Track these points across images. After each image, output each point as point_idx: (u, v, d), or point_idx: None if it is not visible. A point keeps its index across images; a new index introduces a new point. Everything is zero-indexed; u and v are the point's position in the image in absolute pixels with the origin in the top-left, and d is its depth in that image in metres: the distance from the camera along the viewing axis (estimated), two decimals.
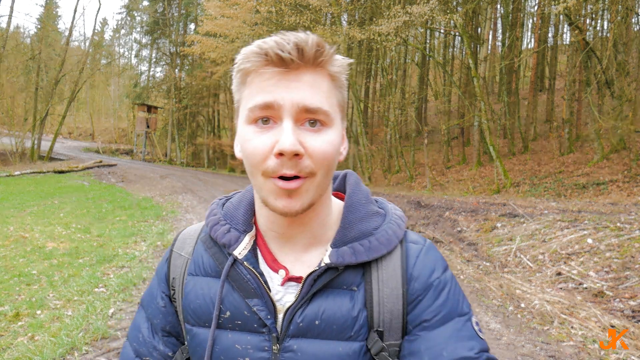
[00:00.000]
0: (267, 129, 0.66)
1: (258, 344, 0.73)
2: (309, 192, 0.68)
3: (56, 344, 3.31)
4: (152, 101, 37.97)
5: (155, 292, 0.86)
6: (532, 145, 18.51)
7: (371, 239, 0.74)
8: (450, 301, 0.72)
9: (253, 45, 0.67)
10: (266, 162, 0.66)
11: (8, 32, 26.91)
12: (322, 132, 0.67)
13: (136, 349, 0.85)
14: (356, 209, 0.77)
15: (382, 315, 0.72)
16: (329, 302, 0.72)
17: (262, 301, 0.73)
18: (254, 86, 0.67)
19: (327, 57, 0.67)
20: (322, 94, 0.67)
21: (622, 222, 5.99)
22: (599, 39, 17.73)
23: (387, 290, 0.72)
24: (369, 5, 17.97)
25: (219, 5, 19.85)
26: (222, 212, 0.82)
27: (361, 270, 0.73)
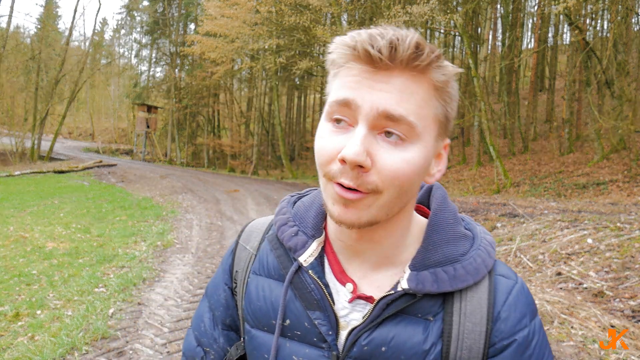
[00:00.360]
0: (342, 130, 0.60)
1: (315, 358, 0.68)
2: (370, 209, 0.60)
3: (56, 344, 3.31)
4: (152, 101, 37.98)
5: (219, 283, 0.83)
6: (532, 145, 18.52)
7: (457, 266, 0.65)
8: (535, 355, 0.65)
9: (347, 36, 0.59)
10: (330, 165, 0.60)
11: (8, 32, 26.91)
12: (402, 147, 0.58)
13: (198, 338, 0.84)
14: (442, 229, 0.68)
15: (459, 352, 0.64)
16: (399, 329, 0.65)
17: (324, 315, 0.68)
18: (340, 80, 0.61)
19: (427, 62, 0.57)
20: (412, 102, 0.57)
21: (622, 222, 5.99)
22: (599, 39, 17.74)
23: (469, 325, 0.64)
24: (369, 5, 17.98)
25: (219, 5, 19.85)
26: (292, 211, 0.76)
27: (441, 298, 0.66)
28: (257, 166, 25.92)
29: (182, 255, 6.22)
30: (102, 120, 58.37)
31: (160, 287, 4.82)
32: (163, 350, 3.33)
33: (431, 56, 0.57)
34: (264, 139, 30.19)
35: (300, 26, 17.52)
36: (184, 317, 3.97)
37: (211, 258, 6.14)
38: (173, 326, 3.78)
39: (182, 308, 4.21)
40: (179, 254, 6.28)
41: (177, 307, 4.24)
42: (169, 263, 5.80)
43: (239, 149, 30.03)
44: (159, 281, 5.02)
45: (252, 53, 23.31)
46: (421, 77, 0.58)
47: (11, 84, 27.99)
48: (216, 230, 8.11)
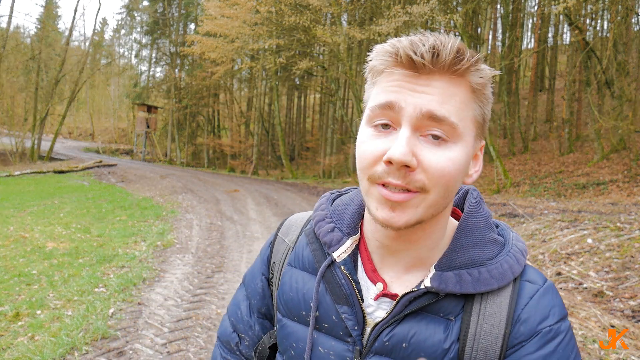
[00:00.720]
0: (385, 133, 0.61)
1: (341, 352, 0.71)
2: (417, 209, 0.61)
3: (56, 344, 3.31)
4: (152, 101, 37.98)
5: (257, 273, 0.87)
6: (532, 145, 18.52)
7: (482, 269, 0.66)
8: (557, 356, 0.62)
9: (387, 43, 0.62)
10: (374, 167, 0.61)
11: (8, 32, 26.92)
12: (445, 146, 0.60)
13: (234, 324, 0.88)
14: (471, 233, 0.69)
15: (475, 352, 0.64)
16: (421, 327, 0.66)
17: (351, 310, 0.70)
18: (380, 86, 0.63)
19: (467, 66, 0.60)
20: (453, 104, 0.60)
21: (622, 222, 5.99)
22: (599, 39, 17.74)
23: (487, 327, 0.64)
24: (369, 5, 17.98)
25: (219, 5, 19.85)
26: (331, 208, 0.79)
27: (463, 300, 0.66)
28: (257, 166, 25.92)
29: (182, 255, 6.22)
30: (102, 120, 58.36)
31: (160, 287, 4.82)
32: (163, 350, 3.33)
33: (471, 60, 0.60)
34: (264, 139, 30.19)
35: (300, 26, 17.51)
36: (184, 317, 3.97)
37: (211, 258, 6.14)
38: (173, 326, 3.78)
39: (182, 308, 4.21)
40: (179, 254, 6.28)
41: (177, 307, 4.24)
42: (169, 263, 5.80)
43: (239, 149, 30.03)
44: (159, 281, 5.02)
45: (252, 53, 23.31)
46: (460, 80, 0.61)
47: (11, 84, 27.99)
48: (216, 230, 8.11)
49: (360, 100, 15.72)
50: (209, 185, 15.69)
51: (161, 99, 37.38)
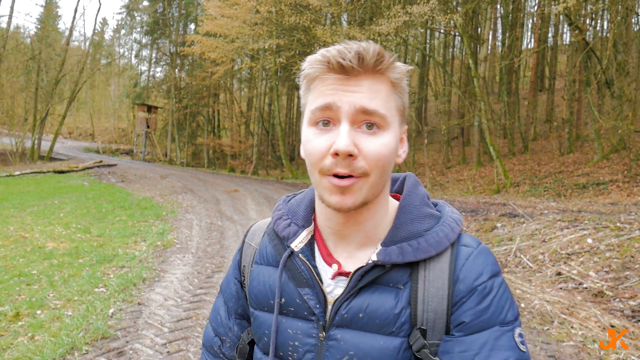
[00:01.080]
0: (326, 130, 0.71)
1: (307, 330, 0.79)
2: (362, 190, 0.71)
3: (56, 344, 3.31)
4: (152, 101, 37.96)
5: (230, 278, 0.96)
6: (532, 145, 18.52)
7: (420, 240, 0.76)
8: (493, 307, 0.72)
9: (317, 54, 0.72)
10: (323, 161, 0.71)
11: (8, 32, 26.91)
12: (378, 134, 0.71)
13: (215, 329, 0.97)
14: (409, 211, 0.79)
15: (425, 314, 0.73)
16: (374, 297, 0.75)
17: (313, 291, 0.79)
18: (316, 91, 0.72)
19: (387, 65, 0.71)
20: (380, 98, 0.70)
21: (622, 222, 5.99)
22: (599, 39, 17.74)
23: (432, 290, 0.74)
24: (369, 5, 17.98)
25: (219, 5, 19.84)
26: (286, 207, 0.89)
27: (409, 269, 0.76)
28: (257, 166, 25.91)
29: (182, 255, 6.22)
30: (102, 120, 58.35)
31: (160, 287, 4.82)
32: (163, 350, 3.33)
33: (389, 60, 0.71)
34: (264, 139, 30.18)
35: (300, 26, 17.51)
36: (184, 317, 3.97)
37: (211, 258, 6.14)
38: (173, 326, 3.78)
39: (182, 308, 4.21)
40: (179, 254, 6.28)
41: (177, 307, 4.24)
42: (169, 263, 5.80)
43: (239, 149, 30.02)
44: (159, 281, 5.02)
45: (252, 53, 23.30)
46: (382, 77, 0.71)
47: (11, 84, 27.99)
48: (216, 230, 8.11)
49: None
50: (209, 185, 15.69)
51: (161, 99, 37.36)
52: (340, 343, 0.76)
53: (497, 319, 0.72)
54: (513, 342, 0.71)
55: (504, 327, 0.72)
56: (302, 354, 0.79)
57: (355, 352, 0.75)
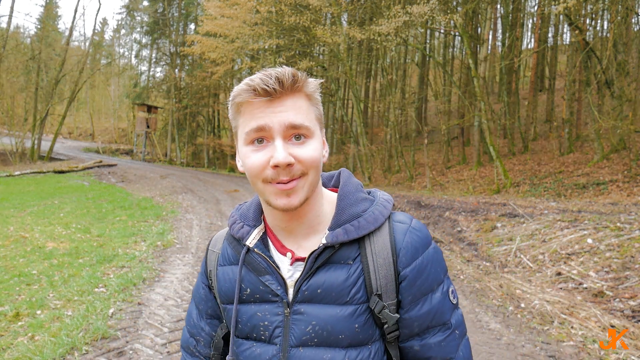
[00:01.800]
0: (262, 147, 0.84)
1: (273, 310, 0.91)
2: (303, 188, 0.85)
3: (56, 344, 3.31)
4: (152, 101, 37.94)
5: (199, 284, 1.07)
6: (532, 145, 18.51)
7: (360, 219, 0.90)
8: (431, 275, 0.90)
9: (242, 83, 0.84)
10: (264, 172, 0.83)
11: (8, 32, 26.90)
12: (306, 143, 0.84)
13: (189, 331, 1.08)
14: (347, 197, 0.93)
15: (378, 281, 0.88)
16: (328, 274, 0.88)
17: (272, 277, 0.91)
18: (247, 114, 0.85)
19: (302, 83, 0.84)
20: (302, 112, 0.84)
21: (622, 222, 5.99)
22: (599, 39, 17.73)
23: (380, 261, 0.88)
24: (369, 5, 17.97)
25: (219, 5, 19.83)
26: (238, 213, 1.02)
27: (356, 246, 0.89)
28: None
29: (182, 255, 6.22)
30: (102, 120, 58.33)
31: (160, 287, 4.82)
32: (163, 350, 3.33)
33: (302, 78, 0.84)
34: None
35: (300, 26, 17.51)
36: (184, 317, 3.97)
37: None
38: (173, 326, 3.78)
39: (182, 308, 4.20)
40: (179, 254, 6.28)
41: (177, 307, 4.24)
42: (169, 263, 5.80)
43: None
44: (159, 281, 5.02)
45: (252, 53, 23.30)
46: (300, 94, 0.85)
47: (11, 84, 27.99)
48: (216, 230, 8.11)
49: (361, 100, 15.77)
50: (209, 185, 15.69)
51: (161, 99, 37.34)
52: (304, 315, 0.89)
53: (435, 281, 0.90)
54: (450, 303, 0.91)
55: (440, 287, 0.91)
56: (272, 330, 0.91)
57: (317, 322, 0.88)
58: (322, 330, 0.88)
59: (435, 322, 0.90)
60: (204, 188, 14.77)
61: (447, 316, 0.91)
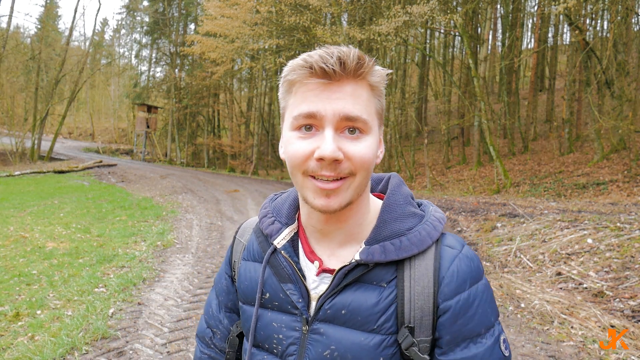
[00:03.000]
0: (309, 135, 0.73)
1: (290, 323, 0.82)
2: (347, 191, 0.74)
3: (56, 344, 3.31)
4: (152, 101, 37.94)
5: (222, 273, 1.00)
6: (532, 145, 18.51)
7: (403, 238, 0.77)
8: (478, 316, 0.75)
9: (299, 58, 0.73)
10: (307, 163, 0.73)
11: (8, 32, 26.89)
12: (361, 138, 0.73)
13: (207, 321, 1.01)
14: (392, 210, 0.81)
15: (413, 312, 0.75)
16: (357, 295, 0.77)
17: (295, 286, 0.82)
18: (298, 95, 0.74)
19: (367, 69, 0.72)
20: (362, 103, 0.72)
21: (622, 222, 5.99)
22: (599, 39, 17.74)
23: (418, 289, 0.76)
24: (369, 5, 17.97)
25: (219, 5, 19.84)
26: (271, 206, 0.91)
27: (393, 267, 0.77)
28: (257, 166, 25.91)
29: (182, 255, 6.22)
30: (102, 120, 58.33)
31: (160, 287, 4.82)
32: (163, 350, 3.33)
33: (370, 63, 0.72)
34: (264, 139, 30.18)
35: (300, 26, 17.50)
36: (184, 317, 3.97)
37: (211, 258, 6.14)
38: (173, 326, 3.78)
39: (182, 308, 4.21)
40: (179, 254, 6.28)
41: (177, 307, 4.24)
42: (169, 263, 5.80)
43: (239, 149, 30.01)
44: (159, 281, 5.02)
45: (252, 53, 23.30)
46: (363, 81, 0.73)
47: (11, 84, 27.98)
48: (216, 230, 8.11)
49: None
50: (209, 185, 15.69)
51: (161, 99, 37.34)
52: (323, 337, 0.79)
53: (482, 324, 0.76)
54: (500, 354, 0.75)
55: (489, 332, 0.76)
56: (285, 346, 0.82)
57: (337, 347, 0.77)
58: (341, 357, 0.77)
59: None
60: (204, 188, 14.77)
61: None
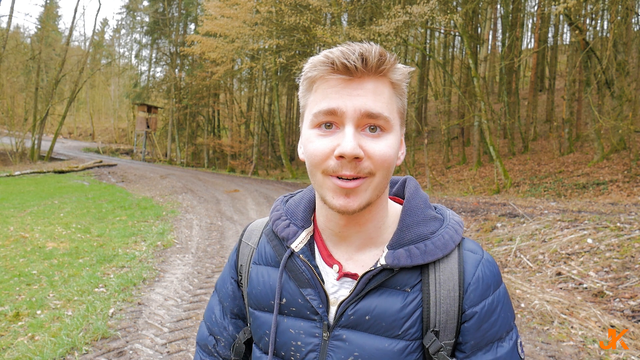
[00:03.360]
0: (329, 133, 0.71)
1: (309, 329, 0.79)
2: (367, 191, 0.72)
3: (56, 344, 3.31)
4: (152, 101, 37.95)
5: (226, 278, 0.96)
6: (532, 145, 18.51)
7: (427, 242, 0.76)
8: (500, 321, 0.77)
9: (320, 55, 0.72)
10: (327, 162, 0.71)
11: (8, 32, 26.90)
12: (382, 137, 0.71)
13: (209, 328, 0.97)
14: (414, 213, 0.80)
15: (438, 316, 0.75)
16: (381, 300, 0.76)
17: (315, 291, 0.79)
18: (319, 93, 0.72)
19: (389, 66, 0.71)
20: (383, 100, 0.71)
21: (622, 222, 5.99)
22: (599, 39, 17.74)
23: (444, 292, 0.75)
24: (369, 5, 17.97)
25: (219, 5, 19.84)
26: (285, 208, 0.88)
27: (417, 271, 0.77)
28: (257, 166, 25.91)
29: (182, 255, 6.22)
30: (102, 120, 58.33)
31: (160, 287, 4.82)
32: (163, 350, 3.33)
33: (392, 60, 0.71)
34: (264, 139, 30.18)
35: (300, 26, 17.50)
36: (184, 317, 3.97)
37: (211, 258, 6.14)
38: (173, 326, 3.78)
39: (182, 308, 4.21)
40: (179, 254, 6.28)
41: (177, 307, 4.24)
42: (169, 263, 5.80)
43: (239, 149, 30.01)
44: (159, 281, 5.02)
45: (252, 53, 23.29)
46: (384, 79, 0.72)
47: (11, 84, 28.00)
48: (216, 230, 8.11)
49: None
50: (209, 185, 15.69)
51: (161, 99, 37.35)
52: (346, 344, 0.77)
53: (504, 329, 0.77)
54: (518, 357, 0.77)
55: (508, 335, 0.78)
56: (304, 354, 0.79)
57: (360, 353, 0.75)
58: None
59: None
60: (204, 188, 14.77)
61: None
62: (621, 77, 13.03)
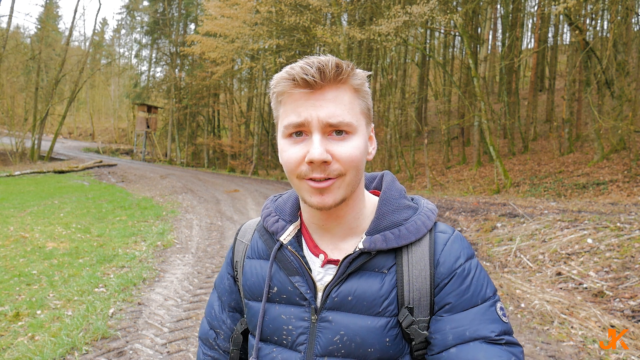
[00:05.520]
0: (300, 140, 0.79)
1: (299, 314, 0.86)
2: (340, 189, 0.79)
3: (56, 344, 3.31)
4: (152, 101, 37.94)
5: (224, 274, 1.04)
6: (532, 145, 18.51)
7: (401, 228, 0.84)
8: (473, 287, 0.82)
9: (283, 71, 0.79)
10: (299, 168, 0.79)
11: (8, 32, 26.90)
12: (347, 139, 0.78)
13: (210, 323, 1.04)
14: (389, 203, 0.88)
15: (411, 294, 0.82)
16: (361, 282, 0.83)
17: (303, 279, 0.87)
18: (287, 106, 0.80)
19: (347, 74, 0.78)
20: (344, 106, 0.78)
21: (622, 222, 5.99)
22: (599, 39, 17.74)
23: (415, 272, 0.83)
24: (369, 5, 17.97)
25: (219, 5, 19.84)
26: (274, 206, 0.97)
27: (393, 255, 0.84)
28: (257, 166, 25.91)
29: (182, 255, 6.22)
30: (102, 120, 58.33)
31: (160, 287, 4.82)
32: (163, 350, 3.33)
33: (348, 69, 0.78)
34: (264, 139, 30.18)
35: (300, 26, 17.50)
36: (184, 317, 3.97)
37: (211, 258, 6.14)
38: (173, 326, 3.78)
39: (182, 308, 4.21)
40: (179, 254, 6.28)
41: (177, 307, 4.24)
42: (169, 263, 5.80)
43: (239, 149, 30.01)
44: (159, 281, 5.02)
45: (252, 53, 23.30)
46: (344, 86, 0.79)
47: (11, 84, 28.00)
48: (216, 230, 8.11)
49: None
50: (209, 185, 15.69)
51: (161, 99, 37.34)
52: (332, 324, 0.84)
53: (479, 296, 0.82)
54: (496, 316, 0.80)
55: (486, 302, 0.81)
56: (295, 336, 0.86)
57: (346, 332, 0.83)
58: (350, 341, 0.82)
59: (476, 334, 0.78)
60: (204, 188, 14.77)
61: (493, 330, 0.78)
62: (621, 77, 13.03)
